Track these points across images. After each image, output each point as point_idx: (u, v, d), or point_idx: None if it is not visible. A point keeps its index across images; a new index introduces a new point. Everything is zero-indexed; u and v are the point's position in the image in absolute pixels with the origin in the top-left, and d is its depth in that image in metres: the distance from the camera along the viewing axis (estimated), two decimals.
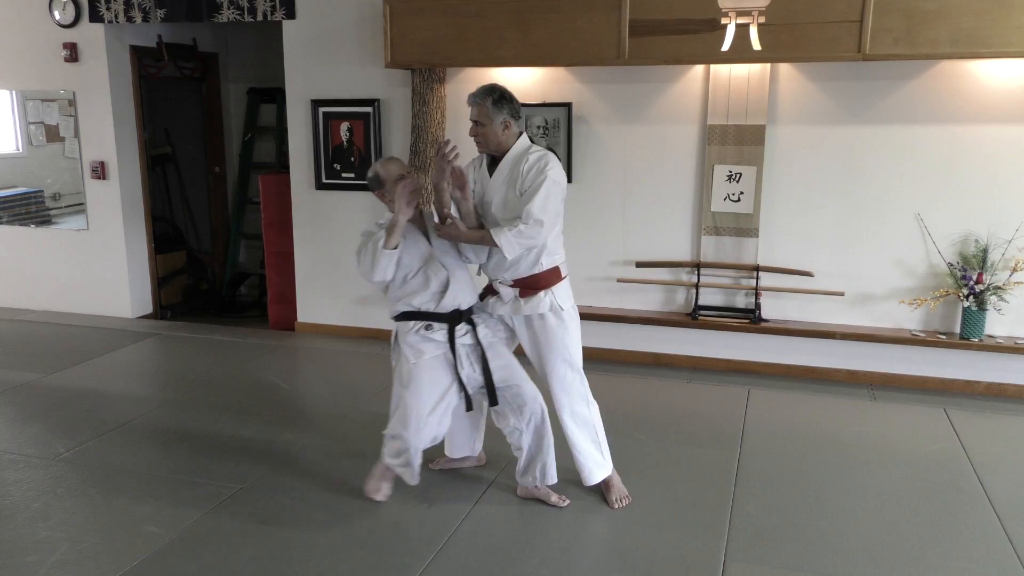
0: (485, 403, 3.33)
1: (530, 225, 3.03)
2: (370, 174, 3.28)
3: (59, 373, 4.96)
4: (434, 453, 3.57)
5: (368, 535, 3.10)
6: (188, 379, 4.90)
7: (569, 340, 3.25)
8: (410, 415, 3.19)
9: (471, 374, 3.24)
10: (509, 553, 2.97)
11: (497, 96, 3.14)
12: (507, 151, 3.19)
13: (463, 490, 3.43)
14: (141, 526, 3.12)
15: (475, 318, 3.30)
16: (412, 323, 3.23)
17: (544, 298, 3.22)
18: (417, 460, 3.30)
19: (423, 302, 3.22)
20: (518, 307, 3.25)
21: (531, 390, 3.28)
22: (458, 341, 3.22)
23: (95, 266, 6.27)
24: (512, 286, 3.25)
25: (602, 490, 3.35)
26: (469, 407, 3.31)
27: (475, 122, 3.18)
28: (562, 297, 3.24)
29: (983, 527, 3.16)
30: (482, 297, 3.39)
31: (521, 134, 3.24)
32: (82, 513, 3.24)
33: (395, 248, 3.09)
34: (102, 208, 6.16)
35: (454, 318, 3.23)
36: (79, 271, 6.33)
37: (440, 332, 3.22)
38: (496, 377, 3.24)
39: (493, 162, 3.26)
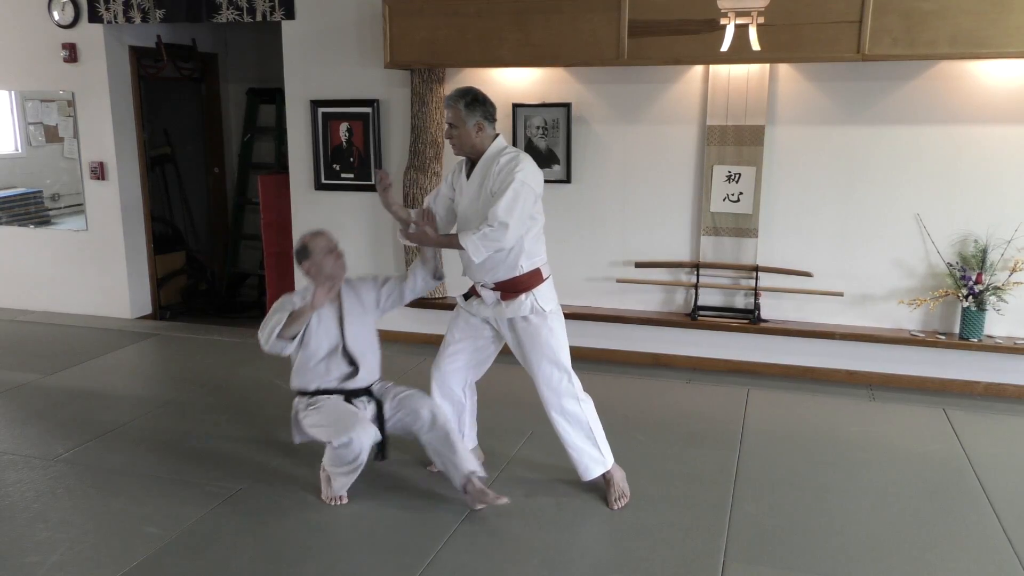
0: (470, 395, 3.46)
1: (495, 228, 3.02)
2: (298, 245, 3.36)
3: (58, 374, 4.95)
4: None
5: (368, 536, 3.10)
6: (187, 380, 4.90)
7: (553, 340, 3.25)
8: (344, 420, 3.20)
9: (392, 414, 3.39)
10: (508, 553, 2.97)
11: (470, 99, 3.14)
12: (482, 153, 3.19)
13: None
14: (140, 527, 3.12)
15: (376, 392, 3.42)
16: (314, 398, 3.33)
17: (525, 301, 3.22)
18: (360, 469, 3.25)
19: (324, 385, 3.36)
20: (500, 310, 3.26)
21: (412, 403, 3.34)
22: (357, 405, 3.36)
23: (94, 267, 6.27)
24: (493, 289, 3.26)
25: (603, 487, 3.34)
26: (382, 457, 3.41)
27: (449, 124, 3.18)
28: (544, 299, 3.25)
29: (982, 527, 3.16)
30: (466, 297, 3.42)
31: (497, 136, 3.23)
32: (81, 514, 3.24)
33: (292, 338, 3.21)
34: (101, 209, 6.16)
35: (355, 393, 3.38)
36: (78, 272, 6.32)
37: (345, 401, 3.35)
38: (391, 427, 3.36)
39: (472, 166, 3.26)
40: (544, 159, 5.11)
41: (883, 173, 4.62)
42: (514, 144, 5.13)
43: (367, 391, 3.42)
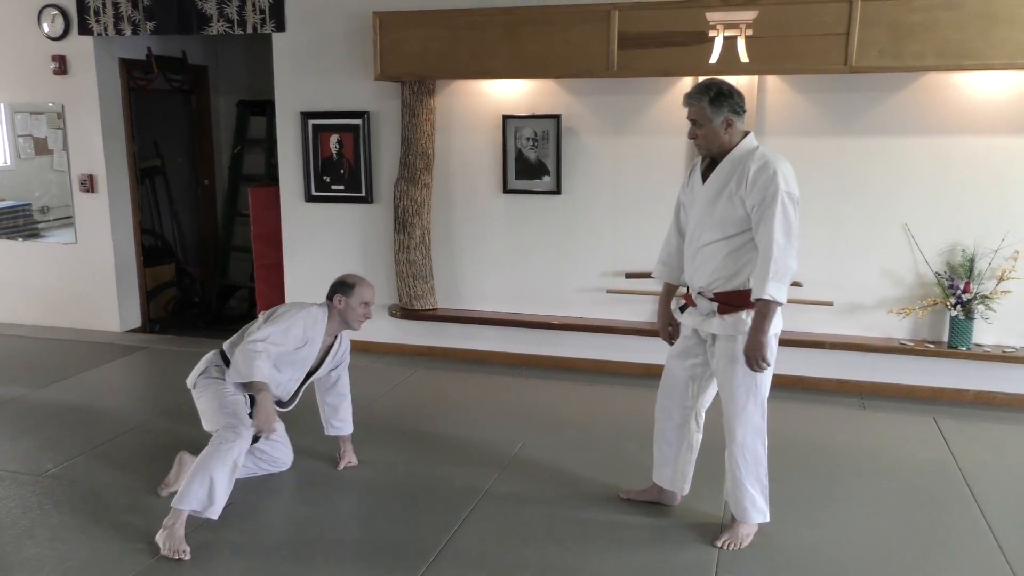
0: (697, 434, 3.24)
1: (777, 255, 2.69)
2: (345, 279, 3.45)
3: (47, 388, 4.92)
4: (617, 484, 3.53)
5: (363, 546, 3.08)
6: (177, 393, 4.85)
7: (762, 372, 2.88)
8: (239, 416, 3.22)
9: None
10: (499, 567, 2.96)
11: (715, 92, 2.83)
12: (729, 151, 2.88)
13: (455, 499, 3.41)
14: (131, 543, 3.09)
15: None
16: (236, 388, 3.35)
17: (746, 319, 2.87)
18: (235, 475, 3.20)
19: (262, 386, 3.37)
20: (713, 324, 2.95)
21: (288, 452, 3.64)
22: None
23: (83, 280, 6.24)
24: (711, 299, 2.95)
25: (731, 526, 3.11)
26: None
27: (693, 122, 2.88)
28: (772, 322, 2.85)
29: (974, 536, 3.17)
30: (681, 309, 3.13)
31: (748, 134, 2.91)
32: (70, 530, 3.20)
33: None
34: (91, 221, 6.13)
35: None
36: (67, 285, 6.29)
37: (248, 404, 3.37)
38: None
39: (711, 164, 2.95)
40: (534, 170, 5.13)
41: (871, 183, 4.65)
42: (503, 156, 5.15)
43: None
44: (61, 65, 5.93)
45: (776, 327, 2.88)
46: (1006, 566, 2.95)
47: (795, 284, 4.80)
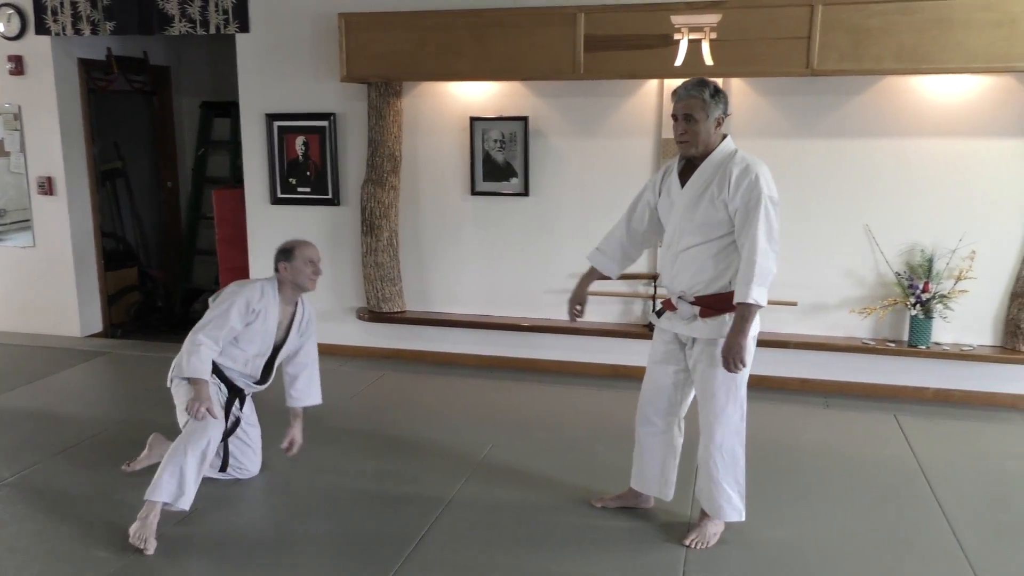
0: (679, 439, 3.23)
1: (759, 259, 2.71)
2: (284, 245, 3.42)
3: (4, 394, 4.80)
4: (586, 486, 3.53)
5: (331, 549, 3.06)
6: (140, 399, 4.79)
7: (741, 373, 2.90)
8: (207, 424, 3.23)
9: (233, 441, 3.54)
10: (471, 568, 2.95)
11: (714, 89, 2.80)
12: (710, 153, 2.87)
13: (425, 502, 3.40)
14: (91, 551, 3.04)
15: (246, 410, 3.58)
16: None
17: (728, 322, 2.87)
18: (204, 469, 3.24)
19: (228, 370, 3.40)
20: (695, 327, 2.95)
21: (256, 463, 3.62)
22: (233, 412, 3.46)
23: (42, 284, 6.11)
24: (693, 303, 2.96)
25: (699, 524, 3.12)
26: (224, 468, 3.53)
27: (686, 116, 2.81)
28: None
29: (933, 532, 3.23)
30: (659, 314, 3.14)
31: (726, 137, 2.91)
32: (28, 539, 3.14)
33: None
34: (49, 224, 6.01)
35: (239, 392, 3.47)
36: (25, 289, 6.15)
37: (224, 395, 3.42)
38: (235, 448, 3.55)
39: (687, 167, 2.93)
40: (502, 172, 5.13)
41: (833, 185, 4.73)
42: (471, 158, 5.14)
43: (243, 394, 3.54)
44: (18, 65, 5.80)
45: (755, 329, 2.90)
46: (964, 560, 3.02)
47: None
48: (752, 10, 4.34)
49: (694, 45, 4.35)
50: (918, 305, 4.58)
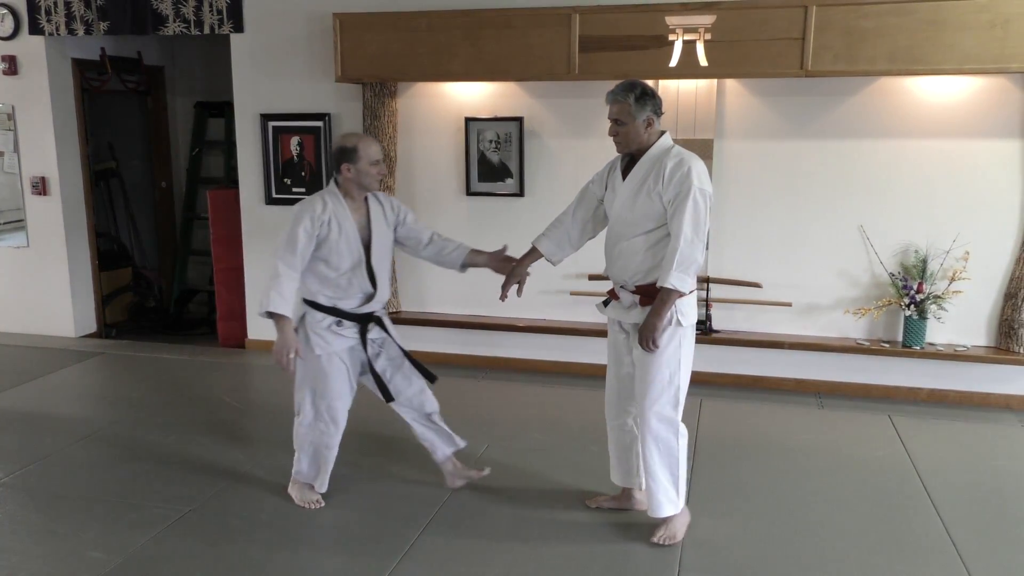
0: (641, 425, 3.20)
1: (684, 247, 2.82)
2: (347, 143, 3.18)
3: None
4: (580, 485, 3.58)
5: (329, 547, 3.05)
6: (134, 399, 4.78)
7: (677, 359, 2.99)
8: (334, 409, 3.26)
9: (383, 367, 3.35)
10: (465, 568, 2.95)
11: (640, 92, 2.94)
12: (647, 150, 2.98)
13: (421, 500, 3.40)
14: (85, 552, 3.03)
15: (379, 314, 3.36)
16: (323, 317, 3.21)
17: None
18: (332, 463, 3.35)
19: (340, 300, 3.22)
20: (633, 315, 3.04)
21: (419, 383, 3.44)
22: (369, 336, 3.29)
23: (36, 284, 6.09)
24: (634, 292, 3.04)
25: (664, 521, 3.12)
26: (388, 398, 3.36)
27: (615, 120, 2.98)
28: (683, 312, 2.96)
29: (927, 531, 3.24)
30: (605, 303, 3.21)
31: (663, 133, 3.02)
32: (22, 540, 3.13)
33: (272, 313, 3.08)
34: (43, 225, 5.99)
35: (366, 318, 3.28)
36: (19, 290, 6.13)
37: (351, 328, 3.25)
38: (389, 374, 3.37)
39: (631, 163, 3.04)
40: (497, 173, 5.13)
41: (828, 185, 4.74)
42: (466, 158, 5.14)
43: (375, 318, 3.32)
44: (11, 65, 5.79)
45: (691, 317, 3.01)
46: (958, 559, 3.02)
47: (754, 285, 4.88)
48: (746, 11, 4.35)
49: (689, 46, 4.35)
50: (912, 306, 4.59)
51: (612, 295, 3.18)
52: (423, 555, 3.04)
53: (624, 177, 3.04)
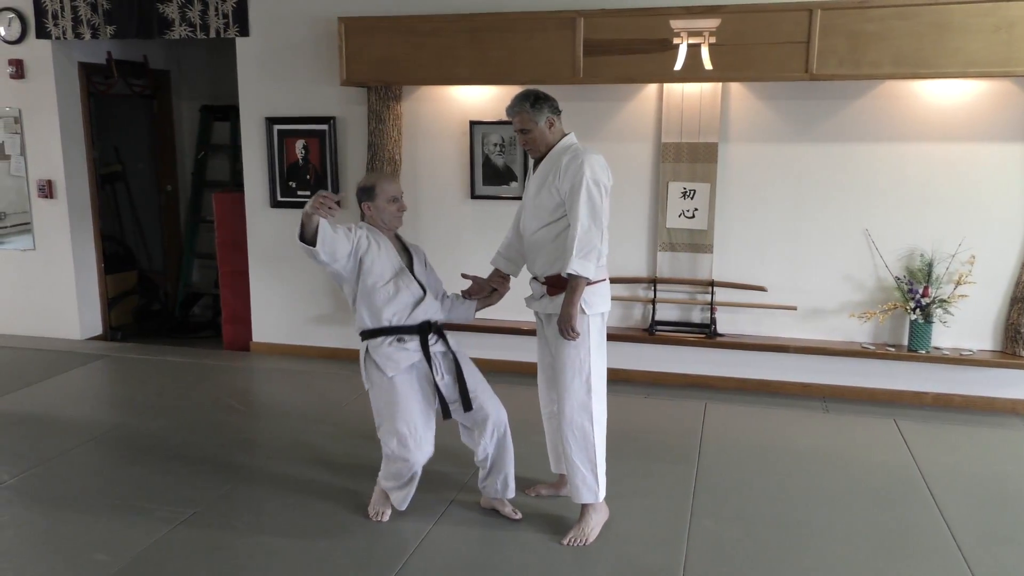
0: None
1: (581, 235, 2.94)
2: (365, 183, 3.24)
3: (4, 397, 4.80)
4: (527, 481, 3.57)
5: (326, 555, 3.05)
6: (139, 402, 4.79)
7: (584, 348, 3.06)
8: (408, 435, 3.15)
9: (447, 383, 3.24)
10: (474, 565, 2.95)
11: (533, 98, 3.12)
12: (551, 150, 3.16)
13: (424, 507, 3.39)
14: (90, 554, 3.03)
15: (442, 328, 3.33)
16: (383, 338, 3.19)
17: None
18: (416, 482, 3.28)
19: (393, 314, 3.17)
20: (543, 304, 3.18)
21: (494, 403, 3.29)
22: (432, 349, 3.23)
23: (42, 287, 6.11)
24: (543, 283, 3.17)
25: (578, 519, 3.18)
26: (447, 415, 3.25)
27: (520, 131, 3.15)
28: (587, 301, 3.03)
29: (933, 536, 3.23)
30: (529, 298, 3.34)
31: (568, 134, 3.20)
32: (27, 542, 3.13)
33: (313, 242, 2.99)
34: (49, 227, 6.01)
35: (424, 329, 3.22)
36: (25, 292, 6.16)
37: (412, 342, 3.20)
38: (468, 384, 3.26)
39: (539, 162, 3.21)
40: (501, 176, 5.14)
41: (832, 189, 4.73)
42: (471, 162, 5.15)
43: (436, 328, 3.27)
44: (18, 69, 5.82)
45: (601, 307, 3.12)
46: (963, 564, 3.01)
47: (759, 289, 4.88)
48: (751, 15, 4.35)
49: (693, 49, 4.35)
50: (918, 310, 4.58)
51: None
52: (428, 558, 3.03)
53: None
